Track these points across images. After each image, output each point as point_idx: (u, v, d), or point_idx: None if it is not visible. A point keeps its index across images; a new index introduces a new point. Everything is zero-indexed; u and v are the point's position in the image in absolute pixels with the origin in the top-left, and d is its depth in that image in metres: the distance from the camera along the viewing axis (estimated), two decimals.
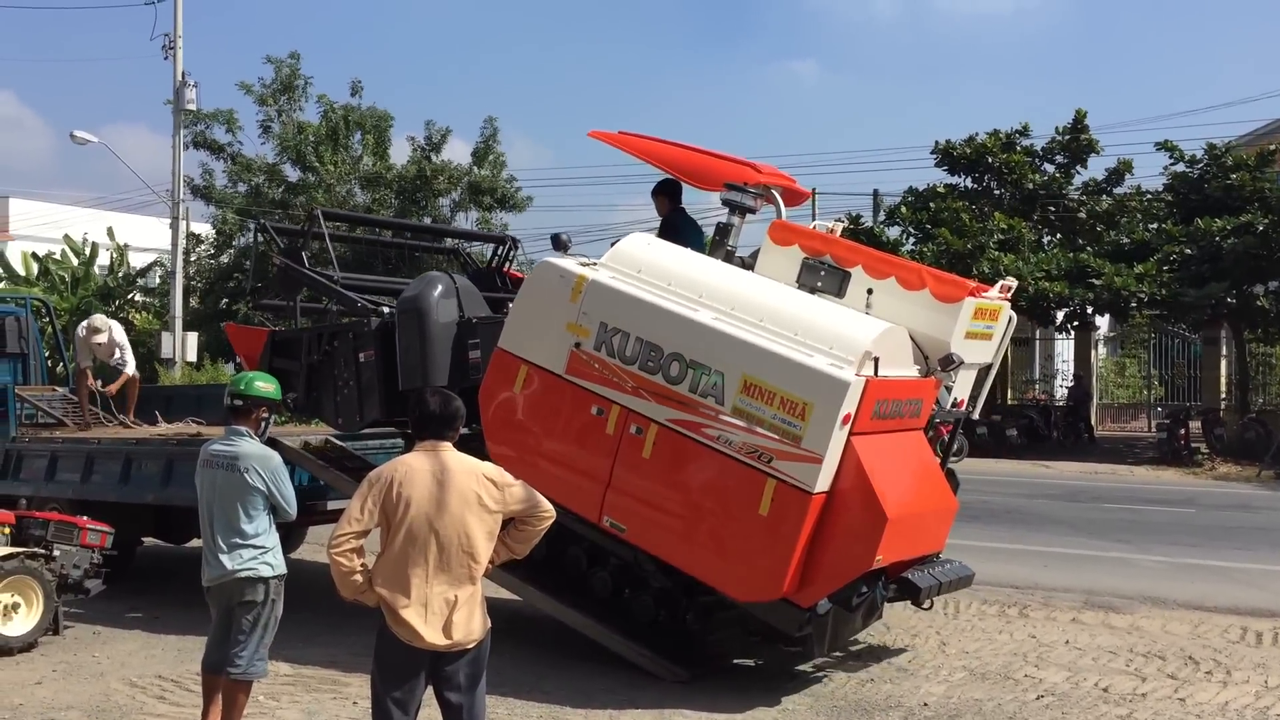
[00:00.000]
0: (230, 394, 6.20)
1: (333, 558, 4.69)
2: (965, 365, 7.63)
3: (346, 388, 8.91)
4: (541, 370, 7.51)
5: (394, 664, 4.73)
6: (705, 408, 6.91)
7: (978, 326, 7.70)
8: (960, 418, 8.14)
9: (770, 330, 6.93)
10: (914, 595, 7.68)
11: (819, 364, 6.69)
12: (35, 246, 35.41)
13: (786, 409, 6.67)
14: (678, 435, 7.00)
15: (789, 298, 7.39)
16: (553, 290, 7.52)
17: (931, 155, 28.63)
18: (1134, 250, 25.85)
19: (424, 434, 4.82)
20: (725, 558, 6.95)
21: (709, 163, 8.55)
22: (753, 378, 6.79)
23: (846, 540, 6.72)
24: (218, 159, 31.11)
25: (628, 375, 7.16)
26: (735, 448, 6.82)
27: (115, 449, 10.54)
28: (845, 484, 6.73)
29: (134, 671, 7.81)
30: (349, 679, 7.48)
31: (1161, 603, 10.07)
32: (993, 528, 14.65)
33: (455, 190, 30.64)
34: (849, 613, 7.28)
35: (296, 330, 9.63)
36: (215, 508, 6.07)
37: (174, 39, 29.94)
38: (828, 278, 7.67)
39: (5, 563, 8.13)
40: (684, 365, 6.99)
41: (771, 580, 6.76)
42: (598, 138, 8.91)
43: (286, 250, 9.86)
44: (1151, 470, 22.71)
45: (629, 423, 7.15)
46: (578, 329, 7.35)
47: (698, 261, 7.74)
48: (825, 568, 6.78)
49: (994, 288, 8.00)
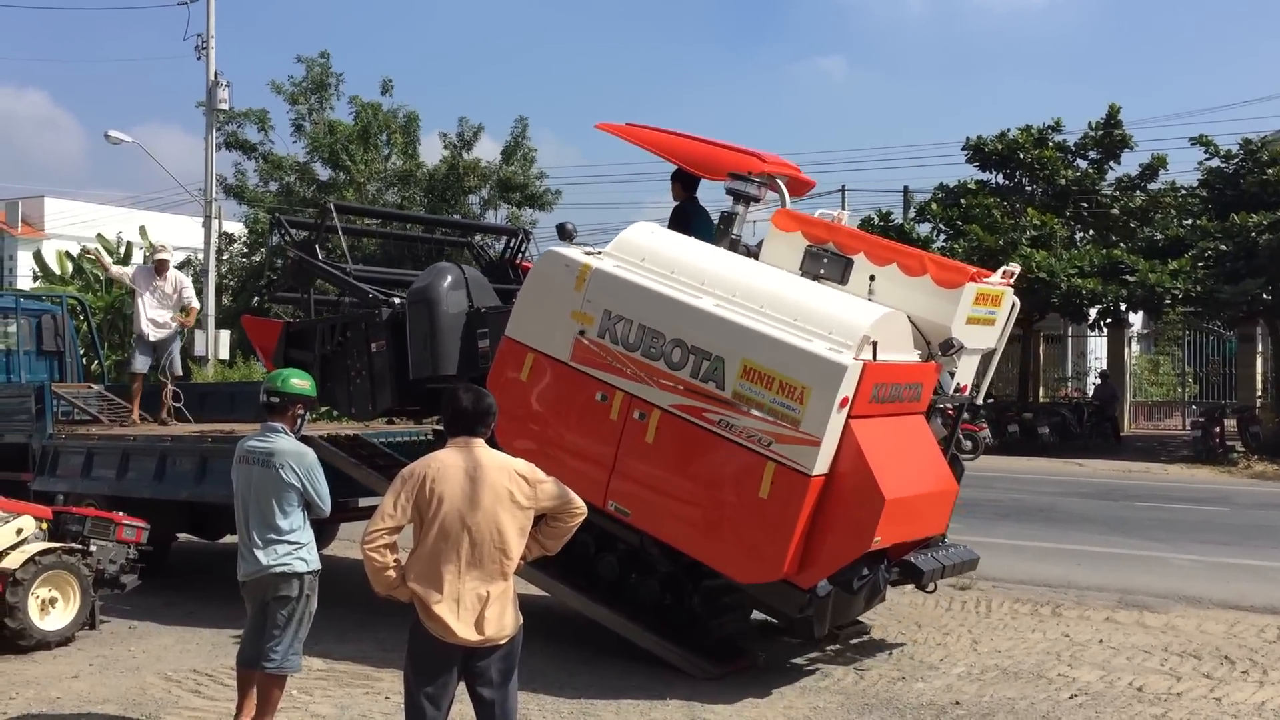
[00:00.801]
0: (267, 391, 6.23)
1: (366, 553, 4.72)
2: (968, 351, 7.68)
3: (359, 378, 9.05)
4: (547, 358, 7.60)
5: (427, 659, 4.76)
6: (706, 393, 6.99)
7: (980, 312, 7.73)
8: (964, 403, 8.15)
9: (770, 316, 7.00)
10: (917, 578, 7.71)
11: (817, 348, 6.76)
12: (70, 245, 35.77)
13: (785, 393, 6.75)
14: (679, 420, 7.08)
15: (790, 284, 7.43)
16: (558, 279, 7.61)
17: (963, 151, 28.55)
18: (1168, 246, 25.65)
19: (456, 430, 4.84)
20: (726, 540, 7.03)
21: (714, 152, 8.61)
22: (752, 362, 6.87)
23: (845, 522, 6.79)
24: (249, 158, 31.37)
25: (631, 362, 7.25)
26: (736, 431, 6.89)
27: (150, 446, 10.63)
28: (844, 467, 6.80)
29: (169, 666, 7.89)
30: (381, 674, 7.53)
31: (1196, 602, 9.98)
32: (1025, 526, 14.57)
33: (485, 187, 30.76)
34: (850, 594, 7.30)
35: (310, 322, 9.76)
36: (251, 503, 6.12)
37: (206, 39, 30.19)
38: (830, 265, 7.72)
39: (43, 558, 8.22)
40: (685, 351, 7.08)
41: (772, 562, 6.82)
42: (605, 129, 9.02)
43: (300, 244, 10.01)
44: (1186, 468, 22.52)
45: (632, 408, 7.24)
46: (582, 317, 7.45)
47: (701, 250, 7.78)
48: (825, 549, 6.85)
49: (996, 273, 8.03)
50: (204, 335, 28.29)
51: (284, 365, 9.51)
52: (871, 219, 28.99)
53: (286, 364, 9.46)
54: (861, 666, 7.87)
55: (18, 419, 12.21)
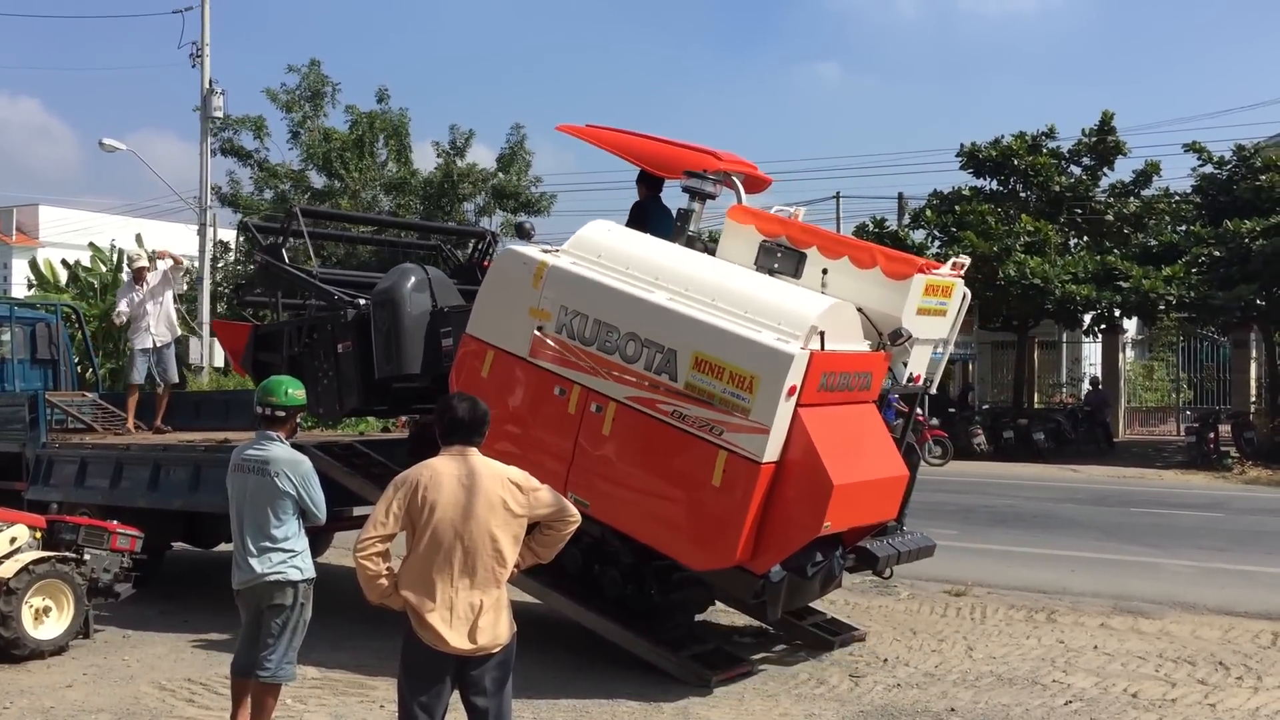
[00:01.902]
0: (270, 404, 6.19)
1: (359, 561, 4.71)
2: (919, 341, 7.86)
3: (326, 378, 9.15)
4: (507, 354, 7.75)
5: (420, 668, 4.75)
6: (660, 384, 7.13)
7: (930, 303, 7.90)
8: (917, 393, 8.31)
9: (721, 309, 7.14)
10: (872, 564, 7.88)
11: (765, 339, 6.90)
12: (65, 253, 35.75)
13: (735, 382, 6.88)
14: (635, 412, 7.21)
15: (740, 278, 7.58)
16: (516, 276, 7.77)
17: (957, 158, 28.58)
18: (1162, 252, 25.69)
19: (451, 439, 4.84)
20: (682, 528, 7.16)
21: (670, 151, 8.78)
22: (703, 354, 7.00)
23: (795, 508, 6.92)
24: (244, 166, 31.36)
25: (587, 356, 7.39)
26: (688, 421, 7.02)
27: (144, 455, 10.62)
28: (794, 454, 6.92)
29: (163, 674, 7.87)
30: (376, 683, 7.52)
31: (1191, 607, 9.99)
32: (1020, 532, 14.59)
33: (480, 194, 30.77)
34: (804, 580, 7.44)
35: (278, 324, 9.91)
36: (246, 512, 6.11)
37: (201, 47, 30.18)
38: (784, 259, 7.88)
39: (37, 567, 8.20)
40: (639, 344, 7.22)
41: (725, 548, 6.94)
42: (566, 131, 9.23)
43: (267, 247, 10.11)
44: (1180, 474, 22.53)
45: (589, 401, 7.37)
46: (540, 313, 7.60)
47: (655, 246, 7.92)
48: (776, 535, 6.97)
49: (946, 265, 8.21)
50: (198, 343, 28.25)
51: (252, 367, 9.81)
52: (866, 225, 29.02)
53: (255, 366, 9.76)
54: (857, 673, 7.87)
55: (11, 428, 12.20)
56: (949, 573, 11.40)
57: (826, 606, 9.44)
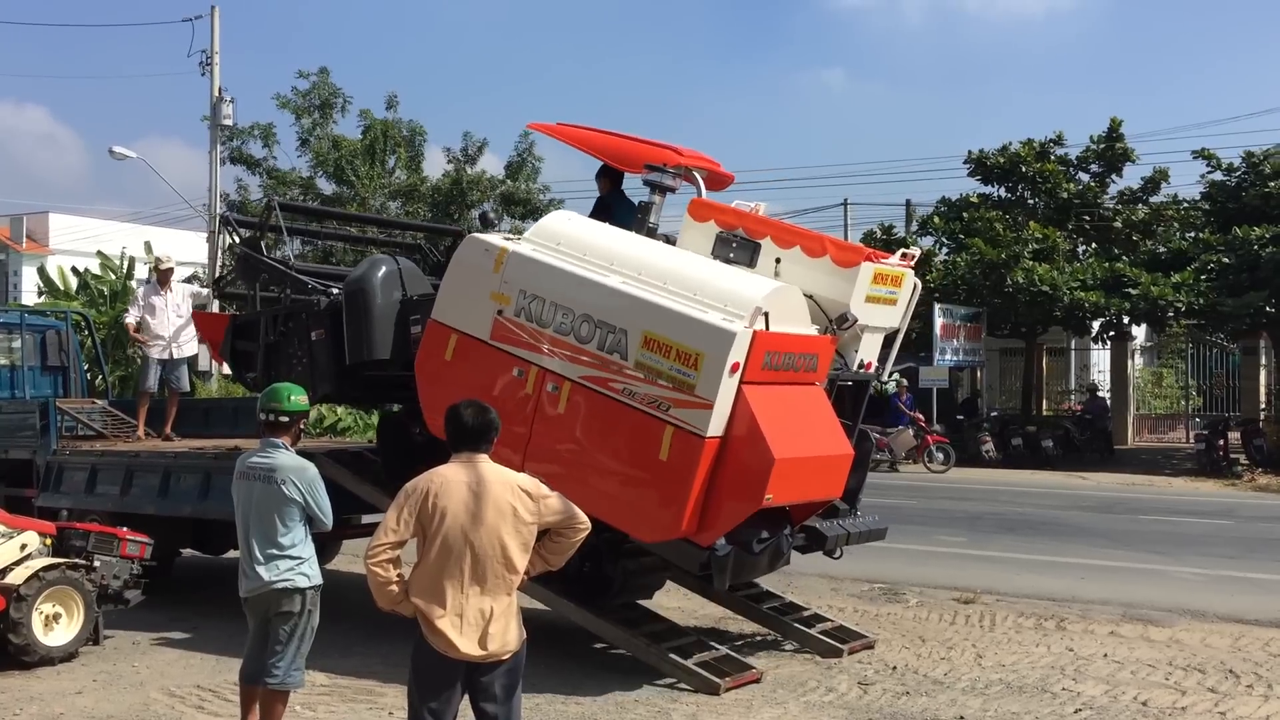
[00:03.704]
0: (273, 410, 6.22)
1: (369, 568, 4.72)
2: (869, 328, 8.21)
3: (300, 365, 9.35)
4: (470, 337, 7.99)
5: (430, 674, 4.76)
6: (611, 363, 7.37)
7: (879, 291, 8.18)
8: (869, 379, 8.63)
9: (671, 291, 7.39)
10: (821, 544, 8.28)
11: (711, 318, 7.15)
12: (75, 261, 35.83)
13: (682, 360, 7.13)
14: (588, 390, 7.46)
15: (692, 263, 7.84)
16: (478, 263, 8.03)
17: (965, 165, 28.59)
18: (1171, 259, 25.65)
19: (460, 446, 4.85)
20: (632, 502, 7.37)
21: (633, 147, 9.10)
22: (652, 333, 7.25)
23: (738, 481, 7.13)
24: (254, 173, 31.45)
25: (544, 338, 7.65)
26: (638, 399, 7.26)
27: (154, 462, 10.65)
28: (738, 430, 7.14)
29: (173, 681, 7.89)
30: (385, 689, 7.53)
31: (1201, 615, 9.96)
32: (1028, 539, 14.56)
33: (488, 200, 30.85)
34: (751, 556, 7.61)
35: (255, 314, 10.11)
36: (252, 520, 6.12)
37: (211, 56, 30.29)
38: (739, 249, 8.17)
39: (47, 573, 8.22)
40: (593, 325, 7.46)
41: (672, 521, 7.17)
42: (536, 129, 9.74)
43: (246, 241, 10.31)
44: (1190, 481, 22.48)
45: (546, 381, 7.61)
46: (500, 297, 7.85)
47: (612, 234, 8.17)
48: (720, 508, 7.20)
49: (895, 255, 8.48)
50: (208, 350, 28.27)
51: (230, 356, 10.16)
52: (874, 233, 29.03)
53: (233, 354, 10.10)
54: (865, 681, 7.86)
55: (22, 435, 12.24)
56: (958, 580, 11.40)
57: (835, 614, 9.45)
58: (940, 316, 25.94)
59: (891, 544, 13.94)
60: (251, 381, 10.05)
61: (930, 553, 13.52)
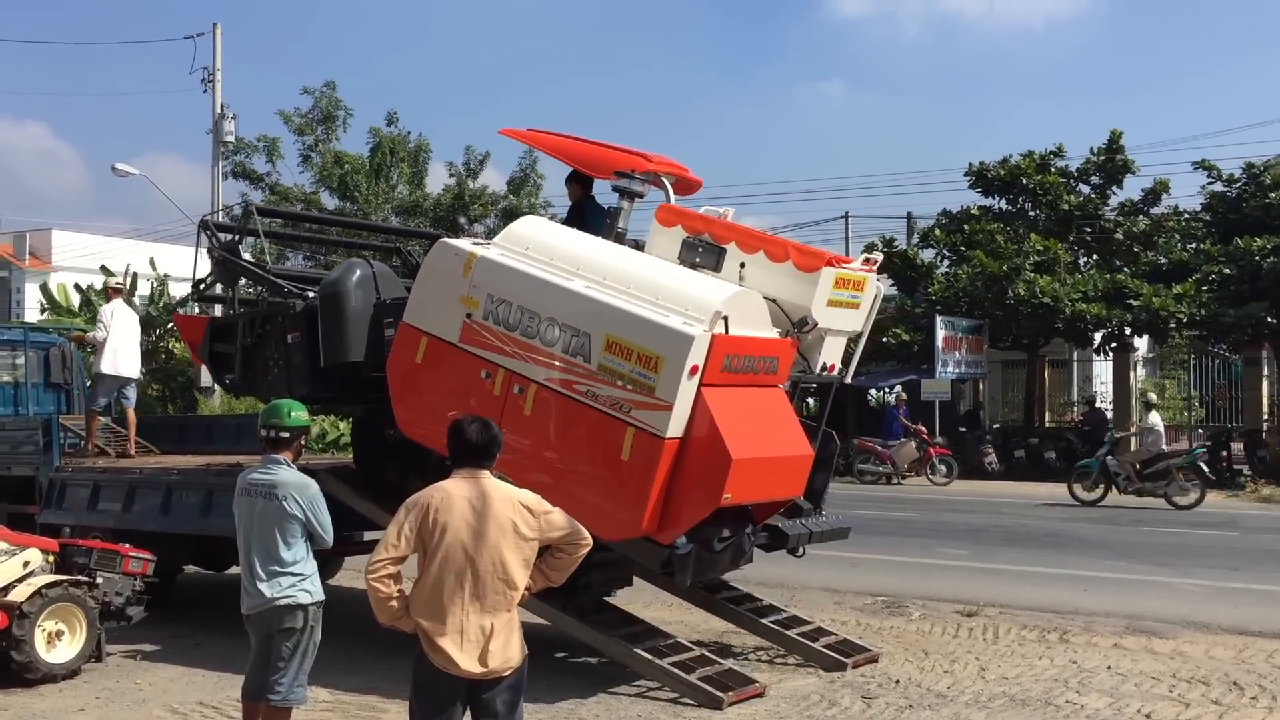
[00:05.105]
0: (273, 426, 6.24)
1: (369, 583, 4.72)
2: (832, 332, 8.34)
3: (277, 367, 9.50)
4: (439, 340, 8.13)
5: (431, 691, 4.75)
6: (575, 366, 7.51)
7: (841, 295, 8.31)
8: (833, 382, 8.76)
9: (634, 296, 7.55)
10: (783, 542, 8.45)
11: (671, 322, 7.29)
12: (77, 277, 35.89)
13: (642, 363, 7.28)
14: (552, 392, 7.60)
15: (656, 268, 8.00)
16: (448, 267, 8.18)
17: (965, 177, 28.63)
18: (1172, 271, 25.67)
19: (462, 461, 4.85)
20: (594, 500, 7.44)
21: (603, 153, 9.21)
22: (614, 336, 7.39)
23: (697, 481, 7.28)
24: (256, 189, 31.53)
25: (511, 341, 7.79)
26: (601, 400, 7.41)
27: (156, 479, 10.65)
28: (697, 431, 7.29)
29: (175, 698, 7.88)
30: (387, 705, 7.52)
31: (1205, 627, 9.94)
32: (1031, 551, 14.54)
33: (490, 216, 30.89)
34: (712, 554, 7.74)
35: (233, 316, 10.29)
36: (254, 536, 6.13)
37: (213, 72, 30.41)
38: (705, 254, 8.32)
39: (49, 590, 8.23)
40: (557, 329, 7.62)
41: (632, 520, 7.30)
42: (508, 135, 9.96)
43: (225, 245, 10.40)
44: None
45: (512, 383, 7.76)
46: (469, 301, 8.00)
47: (579, 239, 8.32)
48: (680, 507, 7.35)
49: (857, 260, 8.61)
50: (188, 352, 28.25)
51: (209, 358, 10.32)
52: (875, 245, 29.05)
53: (211, 357, 10.26)
54: (869, 695, 7.85)
55: (25, 451, 12.24)
56: (961, 593, 11.38)
57: (838, 628, 9.43)
58: (942, 329, 25.96)
59: (894, 557, 14.01)
60: (229, 383, 10.23)
61: (933, 565, 13.51)
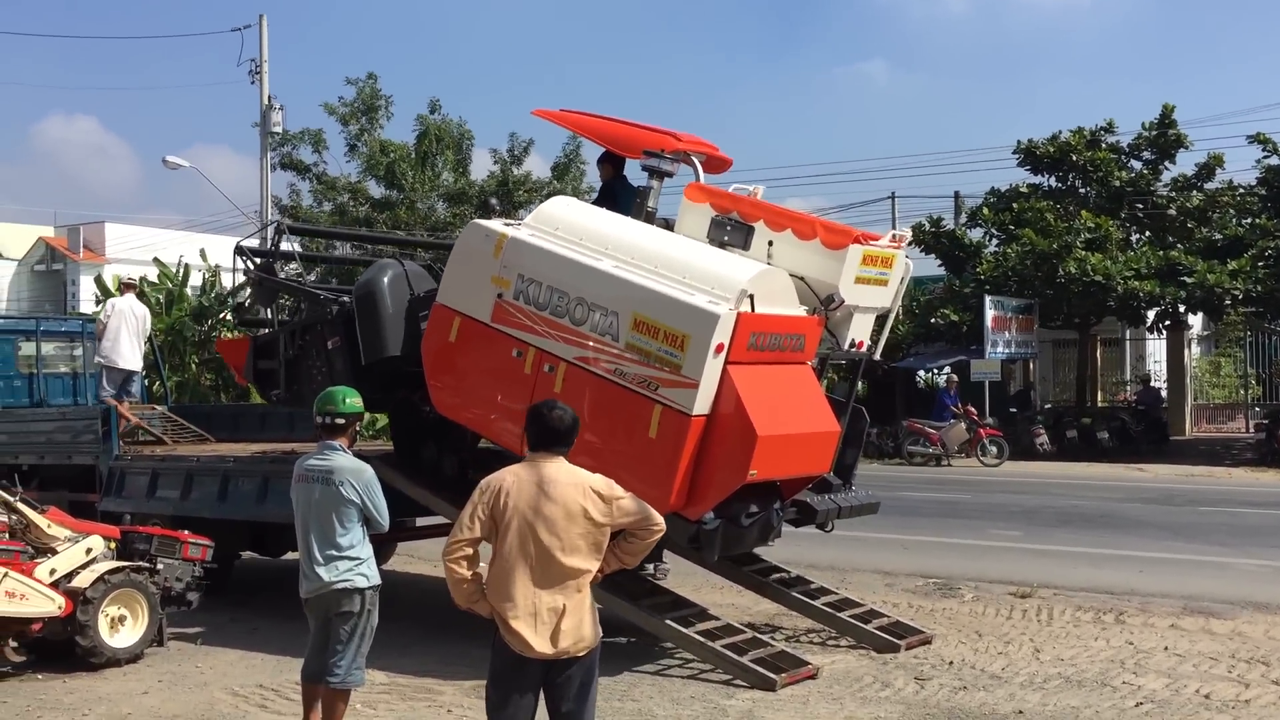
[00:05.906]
0: (329, 413, 6.34)
1: (446, 565, 4.76)
2: (860, 309, 8.40)
3: (320, 375, 9.56)
4: (471, 320, 8.26)
5: (506, 674, 4.76)
6: (604, 345, 7.63)
7: (869, 272, 8.34)
8: (861, 358, 8.89)
9: (662, 275, 7.63)
10: (812, 517, 8.57)
11: (697, 300, 7.39)
12: (131, 270, 36.42)
13: (669, 341, 7.39)
14: (582, 371, 7.71)
15: (684, 247, 8.06)
16: (479, 248, 8.30)
17: (1014, 155, 28.30)
18: (1227, 246, 25.25)
19: (538, 445, 4.85)
20: (622, 478, 7.41)
21: (633, 132, 9.27)
22: (641, 315, 7.51)
23: (724, 457, 7.39)
24: (304, 179, 31.81)
25: (541, 320, 7.90)
26: (629, 379, 7.52)
27: (213, 467, 10.81)
28: (724, 408, 7.39)
29: (236, 681, 8.02)
30: (443, 687, 7.59)
31: (1264, 607, 9.81)
32: (1085, 532, 14.41)
33: (535, 201, 30.95)
34: (740, 529, 7.83)
35: (274, 333, 10.39)
36: (311, 521, 6.22)
37: (260, 64, 30.68)
38: (734, 232, 8.37)
39: (112, 576, 8.38)
40: (587, 308, 7.73)
41: (660, 496, 7.24)
42: (540, 115, 10.06)
43: (260, 266, 10.53)
44: (1249, 472, 22.12)
45: (543, 362, 7.88)
46: (500, 281, 8.11)
47: (608, 219, 8.40)
48: (707, 483, 7.45)
49: (885, 237, 8.64)
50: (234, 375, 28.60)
51: (254, 377, 10.41)
52: (922, 225, 28.83)
53: (256, 375, 10.35)
54: (922, 676, 7.83)
55: (85, 440, 12.46)
56: (1014, 574, 11.31)
57: (890, 610, 9.41)
58: (991, 309, 25.72)
59: (946, 538, 13.94)
60: (276, 398, 10.33)
61: (985, 547, 13.43)
